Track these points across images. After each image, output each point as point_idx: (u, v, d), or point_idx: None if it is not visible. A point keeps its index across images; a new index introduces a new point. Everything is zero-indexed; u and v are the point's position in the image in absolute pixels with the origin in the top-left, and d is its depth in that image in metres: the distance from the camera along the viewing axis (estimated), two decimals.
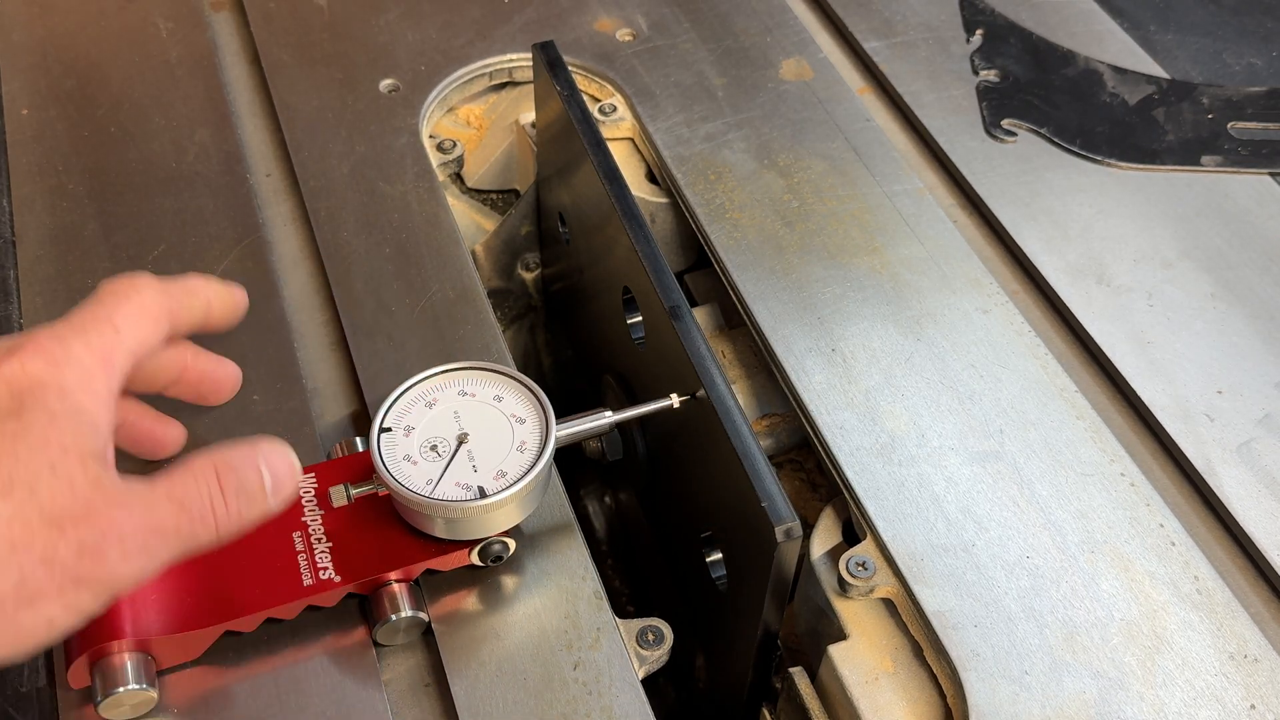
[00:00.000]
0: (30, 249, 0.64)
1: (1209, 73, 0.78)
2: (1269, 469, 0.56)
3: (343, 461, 0.52)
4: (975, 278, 0.64)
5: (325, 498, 0.50)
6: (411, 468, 0.48)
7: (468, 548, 0.50)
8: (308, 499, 0.50)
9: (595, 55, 0.76)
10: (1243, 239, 0.66)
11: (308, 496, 0.50)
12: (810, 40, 0.78)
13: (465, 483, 0.48)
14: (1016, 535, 0.53)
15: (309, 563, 0.48)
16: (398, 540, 0.49)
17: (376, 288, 0.63)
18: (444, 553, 0.49)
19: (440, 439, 0.49)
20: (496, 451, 0.49)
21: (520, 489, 0.48)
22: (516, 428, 0.50)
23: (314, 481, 0.51)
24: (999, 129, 0.72)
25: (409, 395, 0.51)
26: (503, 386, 0.51)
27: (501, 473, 0.48)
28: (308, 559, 0.48)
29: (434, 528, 0.49)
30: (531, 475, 0.48)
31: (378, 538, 0.49)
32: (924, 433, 0.57)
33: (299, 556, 0.48)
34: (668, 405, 0.52)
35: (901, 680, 0.51)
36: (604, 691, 0.48)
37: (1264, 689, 0.48)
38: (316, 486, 0.51)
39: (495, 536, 0.50)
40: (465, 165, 0.78)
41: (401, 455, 0.48)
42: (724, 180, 0.69)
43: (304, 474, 0.50)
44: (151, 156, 0.69)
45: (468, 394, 0.51)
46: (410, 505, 0.48)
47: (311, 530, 0.49)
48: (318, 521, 0.50)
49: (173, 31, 0.77)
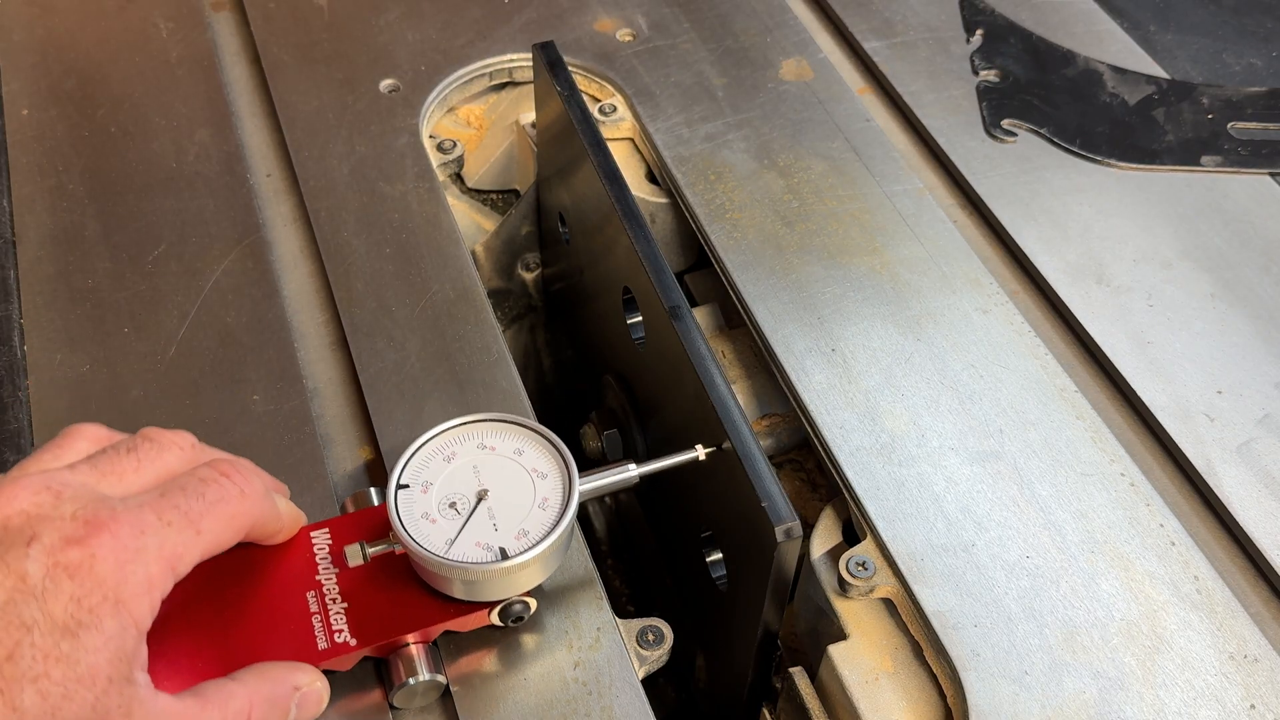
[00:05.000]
0: (30, 249, 0.64)
1: (1209, 73, 0.78)
2: (1269, 469, 0.56)
3: (358, 516, 0.50)
4: (975, 278, 0.64)
5: (340, 555, 0.48)
6: (430, 526, 0.46)
7: (488, 608, 0.48)
8: (322, 556, 0.48)
9: (595, 55, 0.76)
10: (1242, 239, 0.66)
11: (322, 554, 0.48)
12: (810, 40, 0.78)
13: (485, 542, 0.46)
14: (1016, 535, 0.53)
15: (324, 625, 0.46)
16: (415, 600, 0.47)
17: (376, 288, 0.63)
18: (463, 614, 0.47)
19: (459, 495, 0.47)
20: (518, 509, 0.47)
21: (543, 550, 0.46)
22: (538, 483, 0.48)
23: (329, 538, 0.49)
24: (999, 129, 0.72)
25: (427, 449, 0.49)
26: (523, 439, 0.49)
27: (523, 531, 0.46)
28: (322, 621, 0.46)
29: (453, 589, 0.47)
30: (555, 535, 0.46)
31: (395, 598, 0.47)
32: (924, 433, 0.57)
33: (313, 618, 0.46)
34: (694, 458, 0.51)
35: (901, 680, 0.51)
36: (604, 691, 0.48)
37: (1264, 689, 0.49)
38: (331, 543, 0.48)
39: (516, 597, 0.48)
40: (465, 165, 0.78)
41: (420, 513, 0.47)
42: (724, 180, 0.69)
43: (318, 529, 0.49)
44: (152, 156, 0.69)
45: (487, 447, 0.49)
46: (429, 566, 0.46)
47: (326, 590, 0.47)
48: (332, 580, 0.47)
49: (173, 31, 0.77)
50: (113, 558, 0.39)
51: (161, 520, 0.41)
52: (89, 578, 0.38)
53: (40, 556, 0.38)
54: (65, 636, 0.37)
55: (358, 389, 0.59)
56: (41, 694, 0.37)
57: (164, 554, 0.41)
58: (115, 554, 0.39)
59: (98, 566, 0.39)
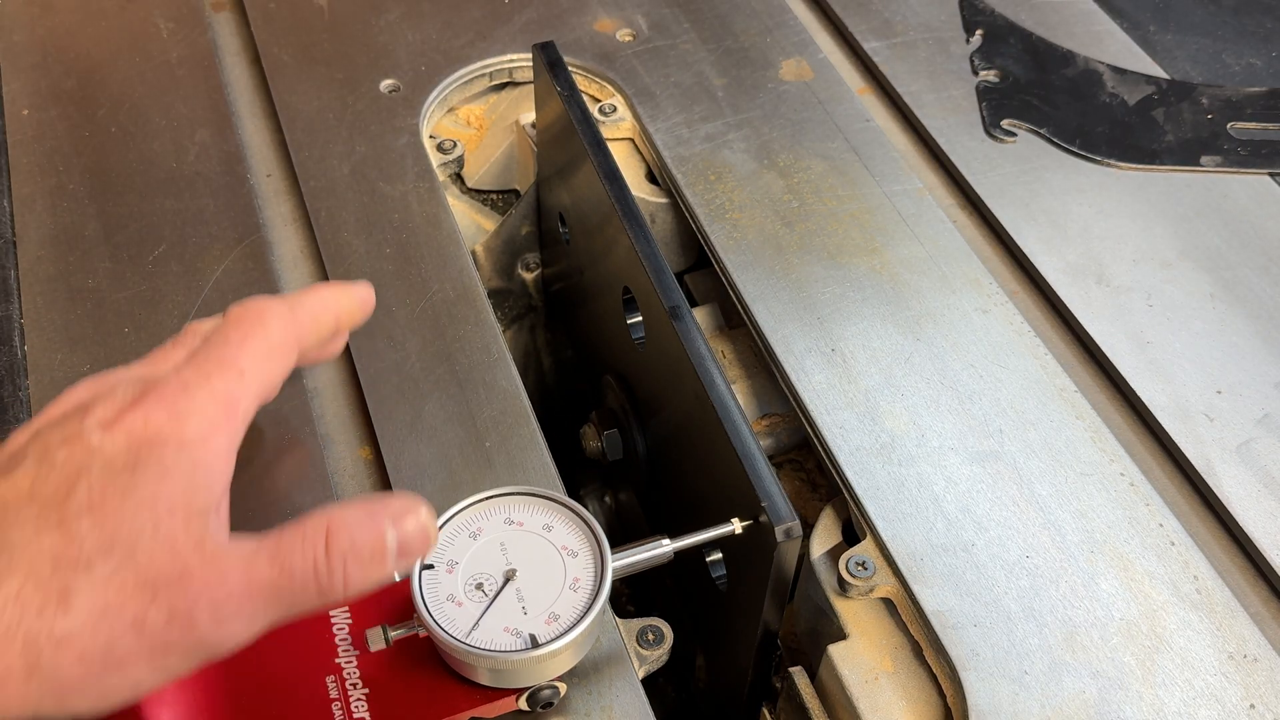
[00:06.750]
0: (30, 249, 0.64)
1: (1209, 73, 0.78)
2: (1269, 469, 0.56)
3: (378, 595, 0.48)
4: (975, 278, 0.64)
5: (361, 637, 0.46)
6: (455, 609, 0.44)
7: (515, 694, 0.46)
8: (342, 637, 0.46)
9: (595, 55, 0.77)
10: (1242, 239, 0.66)
11: (342, 634, 0.47)
12: (810, 40, 0.78)
13: (514, 628, 0.44)
14: (1016, 535, 0.53)
15: (344, 713, 0.44)
16: (439, 686, 0.45)
17: (376, 288, 0.62)
18: (489, 700, 0.45)
19: (486, 575, 0.45)
20: (548, 590, 0.45)
21: (576, 636, 0.44)
22: (568, 562, 0.46)
23: (349, 618, 0.47)
24: (999, 129, 0.72)
25: (452, 525, 0.47)
26: (552, 514, 0.47)
27: (554, 615, 0.44)
28: (343, 708, 0.45)
29: (479, 676, 0.45)
30: (587, 621, 0.44)
31: (418, 683, 0.45)
32: (924, 432, 0.57)
33: (333, 705, 0.45)
34: (730, 531, 0.48)
35: (901, 680, 0.51)
36: (604, 691, 0.48)
37: (1263, 689, 0.49)
38: (351, 623, 0.47)
39: (545, 683, 0.46)
40: (465, 165, 0.78)
41: (445, 595, 0.44)
42: (724, 180, 0.69)
43: (338, 609, 0.47)
44: (152, 156, 0.69)
45: (514, 522, 0.47)
46: (454, 654, 0.44)
47: (346, 675, 0.45)
48: (353, 664, 0.46)
49: (173, 32, 0.78)
50: (165, 412, 0.41)
51: (201, 373, 0.43)
52: (145, 431, 0.40)
53: (97, 422, 0.41)
54: (124, 472, 0.39)
55: (358, 389, 0.59)
56: (98, 522, 0.38)
57: (217, 399, 0.43)
58: (167, 409, 0.41)
59: (152, 420, 0.41)
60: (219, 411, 0.42)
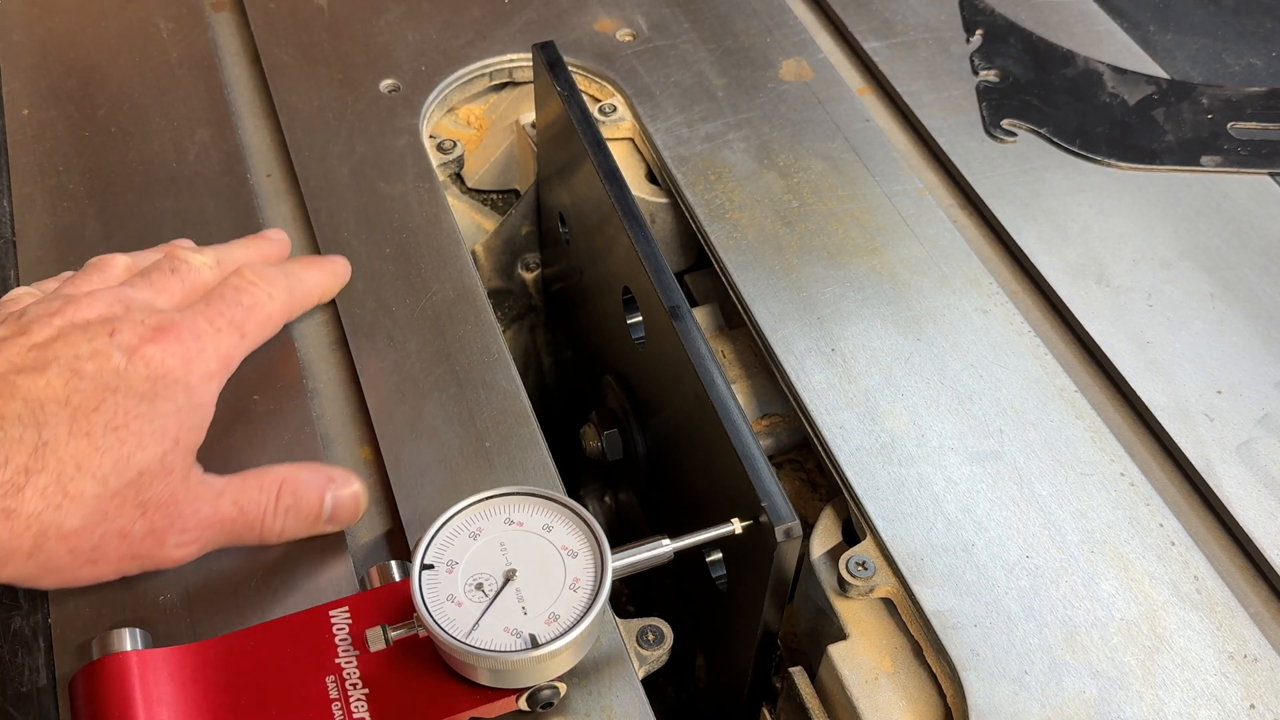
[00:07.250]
0: (30, 249, 0.64)
1: (1209, 73, 0.78)
2: (1269, 469, 0.56)
3: (379, 594, 0.48)
4: (975, 278, 0.64)
5: (361, 637, 0.46)
6: (455, 610, 0.44)
7: (515, 694, 0.46)
8: (342, 637, 0.47)
9: (595, 55, 0.76)
10: (1242, 239, 0.66)
11: (341, 634, 0.47)
12: (810, 40, 0.78)
13: (514, 628, 0.44)
14: (1016, 535, 0.53)
15: (344, 712, 0.45)
16: (439, 686, 0.46)
17: (376, 288, 0.63)
18: (489, 700, 0.46)
19: (486, 576, 0.45)
20: (548, 590, 0.45)
21: (576, 636, 0.44)
22: (568, 562, 0.46)
23: (349, 617, 0.47)
24: (999, 129, 0.72)
25: (451, 525, 0.47)
26: (552, 514, 0.47)
27: (554, 615, 0.44)
28: (343, 708, 0.45)
29: (479, 676, 0.45)
30: (587, 621, 0.44)
31: (418, 683, 0.46)
32: (924, 432, 0.57)
33: (333, 705, 0.45)
34: (730, 531, 0.49)
35: (901, 680, 0.51)
36: (604, 691, 0.48)
37: (1263, 688, 0.49)
38: (351, 623, 0.47)
39: (545, 682, 0.46)
40: (465, 165, 0.78)
41: (445, 595, 0.45)
42: (724, 180, 0.69)
43: (338, 608, 0.47)
44: (152, 156, 0.69)
45: (514, 522, 0.47)
46: (454, 654, 0.44)
47: (346, 675, 0.46)
48: (353, 664, 0.46)
49: (173, 31, 0.78)
50: (179, 355, 0.48)
51: (213, 327, 0.51)
52: (161, 366, 0.47)
53: (121, 345, 0.47)
54: (144, 400, 0.46)
55: (358, 389, 0.59)
56: (120, 440, 0.45)
57: (219, 354, 0.51)
58: (180, 353, 0.48)
59: (167, 359, 0.47)
60: (219, 365, 0.50)
